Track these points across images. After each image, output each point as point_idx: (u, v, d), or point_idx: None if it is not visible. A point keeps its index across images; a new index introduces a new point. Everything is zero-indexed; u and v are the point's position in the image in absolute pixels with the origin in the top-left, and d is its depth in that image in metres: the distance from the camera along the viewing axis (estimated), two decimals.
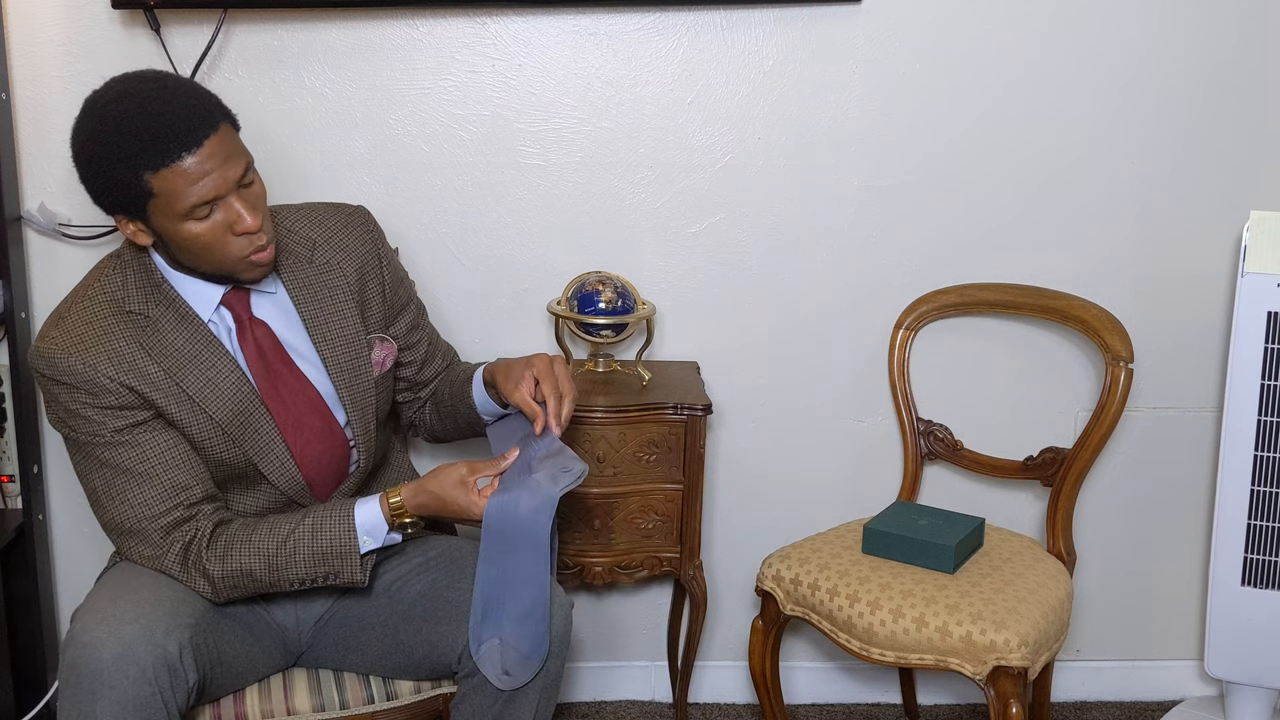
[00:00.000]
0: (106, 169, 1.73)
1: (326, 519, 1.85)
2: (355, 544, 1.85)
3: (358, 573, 1.86)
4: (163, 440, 1.84)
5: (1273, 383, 2.29)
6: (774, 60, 2.39)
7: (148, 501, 1.83)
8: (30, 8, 2.30)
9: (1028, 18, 2.38)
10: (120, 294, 1.85)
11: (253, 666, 1.92)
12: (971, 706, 2.65)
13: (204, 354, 1.85)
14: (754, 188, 2.44)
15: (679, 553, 2.31)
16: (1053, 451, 2.35)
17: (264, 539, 1.84)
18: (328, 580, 1.87)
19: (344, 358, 1.96)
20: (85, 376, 1.79)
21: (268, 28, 2.32)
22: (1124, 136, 2.43)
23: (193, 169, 1.71)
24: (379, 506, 1.87)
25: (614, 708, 2.64)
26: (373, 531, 1.86)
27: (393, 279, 2.05)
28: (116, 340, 1.82)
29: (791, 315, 2.50)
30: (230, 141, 1.76)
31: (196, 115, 1.73)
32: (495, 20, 2.36)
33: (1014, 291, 2.42)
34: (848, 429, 2.56)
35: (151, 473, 1.82)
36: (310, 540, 1.84)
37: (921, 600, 2.09)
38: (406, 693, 1.97)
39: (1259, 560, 2.35)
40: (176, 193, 1.72)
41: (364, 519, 1.86)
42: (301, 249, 1.96)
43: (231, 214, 1.77)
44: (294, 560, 1.84)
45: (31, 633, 2.40)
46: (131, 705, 1.67)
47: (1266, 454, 2.30)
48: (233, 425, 1.86)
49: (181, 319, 1.85)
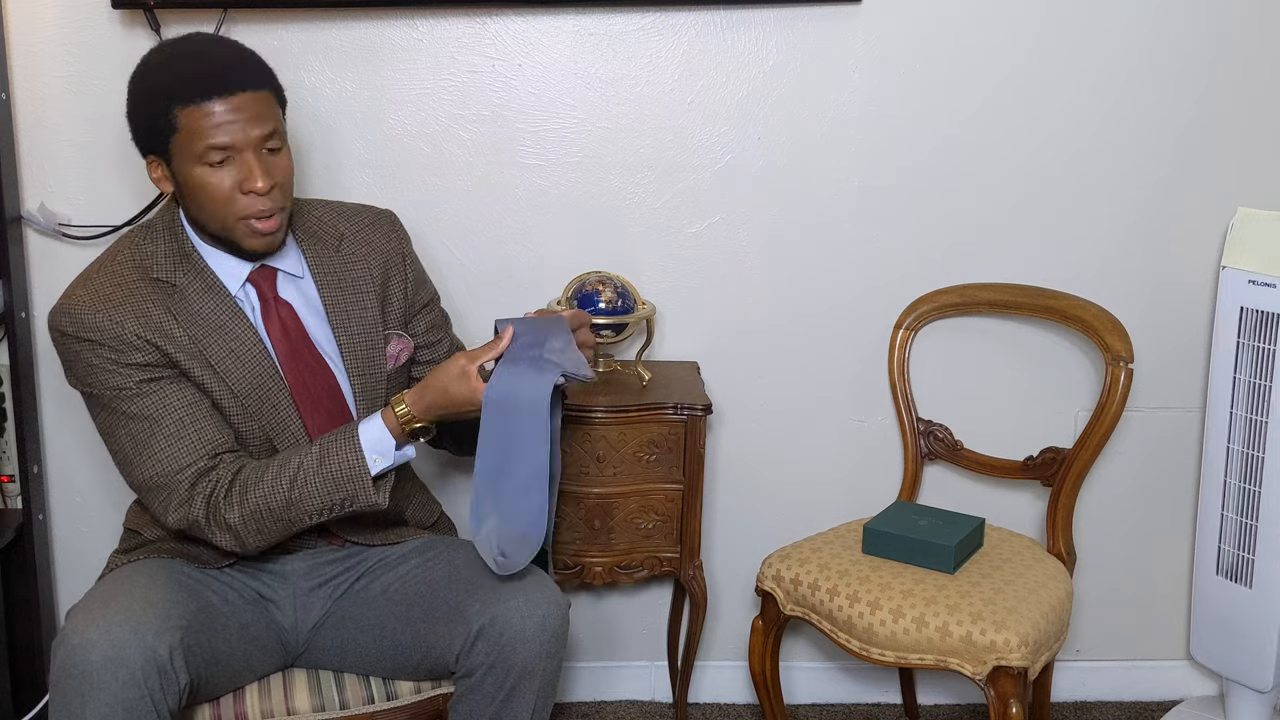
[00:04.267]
0: (146, 99, 1.82)
1: (332, 444, 1.84)
2: (365, 464, 1.83)
3: (372, 495, 1.84)
4: (187, 393, 1.85)
5: (1244, 378, 2.33)
6: (774, 60, 2.39)
7: (174, 454, 1.83)
8: (30, 8, 2.30)
9: (1027, 18, 2.38)
10: (148, 261, 1.88)
11: (250, 666, 1.92)
12: (971, 706, 2.65)
13: (230, 324, 1.87)
14: (754, 188, 2.44)
15: (679, 553, 2.31)
16: (1053, 451, 2.35)
17: (275, 475, 1.83)
18: (345, 507, 1.84)
19: (360, 347, 1.97)
20: (112, 333, 1.81)
21: (268, 27, 2.32)
22: (1123, 136, 2.43)
23: (218, 114, 1.77)
24: (382, 420, 1.85)
25: (614, 708, 2.64)
26: (381, 449, 1.84)
27: (415, 280, 2.07)
28: (143, 302, 1.85)
29: (791, 315, 2.50)
30: (266, 105, 1.81)
31: (240, 69, 1.80)
32: (495, 20, 2.36)
33: (1014, 291, 2.42)
34: (848, 429, 2.56)
35: (178, 421, 1.83)
36: (319, 467, 1.82)
37: (921, 600, 2.09)
38: (406, 693, 1.97)
39: (1230, 553, 2.40)
40: (197, 131, 1.77)
41: (369, 437, 1.84)
42: (329, 238, 2.00)
43: (244, 170, 1.80)
44: (307, 491, 1.82)
45: (31, 633, 2.40)
46: (121, 707, 1.67)
47: (1237, 448, 2.36)
48: (251, 398, 1.88)
49: (209, 288, 1.88)
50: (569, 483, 2.24)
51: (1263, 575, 2.33)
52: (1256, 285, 2.30)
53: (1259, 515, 2.32)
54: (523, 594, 1.84)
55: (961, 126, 2.42)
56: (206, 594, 1.89)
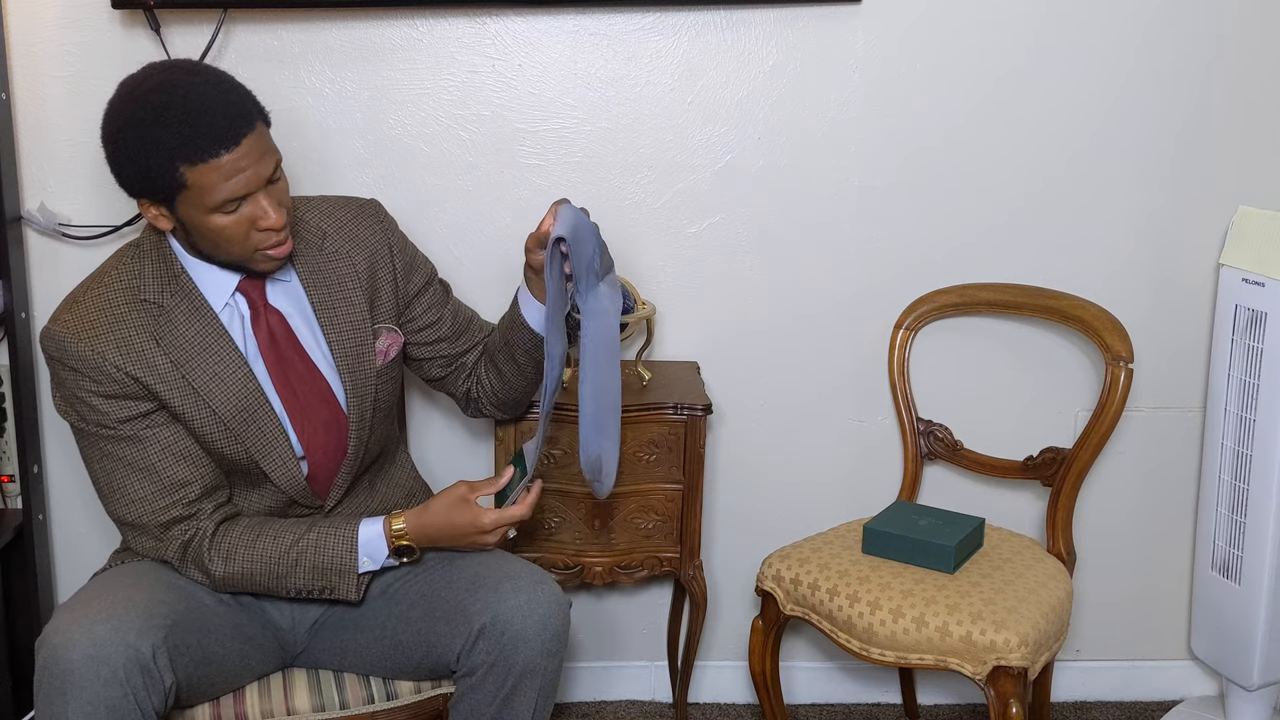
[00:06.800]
0: (142, 157, 1.74)
1: (330, 535, 1.89)
2: (355, 563, 1.89)
3: (353, 591, 1.90)
4: (164, 436, 1.86)
5: (1238, 375, 2.33)
6: (774, 60, 2.39)
7: (146, 497, 1.86)
8: (30, 8, 2.30)
9: (1026, 18, 2.38)
10: (137, 282, 1.87)
11: (246, 666, 1.92)
12: (971, 706, 2.65)
13: (213, 346, 1.87)
14: (754, 188, 2.44)
15: (679, 553, 2.31)
16: (1053, 451, 2.35)
17: (268, 546, 1.87)
18: (323, 594, 1.91)
19: (349, 345, 1.97)
20: (92, 363, 1.82)
21: (268, 28, 2.32)
22: (1123, 136, 2.43)
23: (228, 166, 1.74)
24: (382, 529, 1.90)
25: (614, 708, 2.64)
26: (373, 553, 1.91)
27: (405, 267, 2.05)
28: (127, 329, 1.84)
29: (791, 315, 2.50)
30: (264, 140, 1.79)
31: (236, 113, 1.75)
32: (495, 20, 2.36)
33: (1014, 291, 2.42)
34: (848, 429, 2.56)
35: (151, 468, 1.85)
36: (313, 554, 1.88)
37: (921, 600, 2.09)
38: (406, 693, 1.97)
39: (1223, 549, 2.41)
40: (210, 187, 1.74)
41: (366, 539, 1.90)
42: (313, 238, 1.99)
43: (258, 209, 1.79)
44: (295, 571, 1.88)
45: (31, 633, 2.40)
46: (103, 706, 1.67)
47: (1230, 445, 2.37)
48: (235, 420, 1.87)
49: (195, 311, 1.87)
50: (569, 483, 2.24)
51: (1250, 572, 2.33)
52: (1249, 284, 2.30)
53: (1247, 512, 2.33)
54: (524, 593, 1.85)
55: (961, 126, 2.42)
56: (198, 594, 1.89)
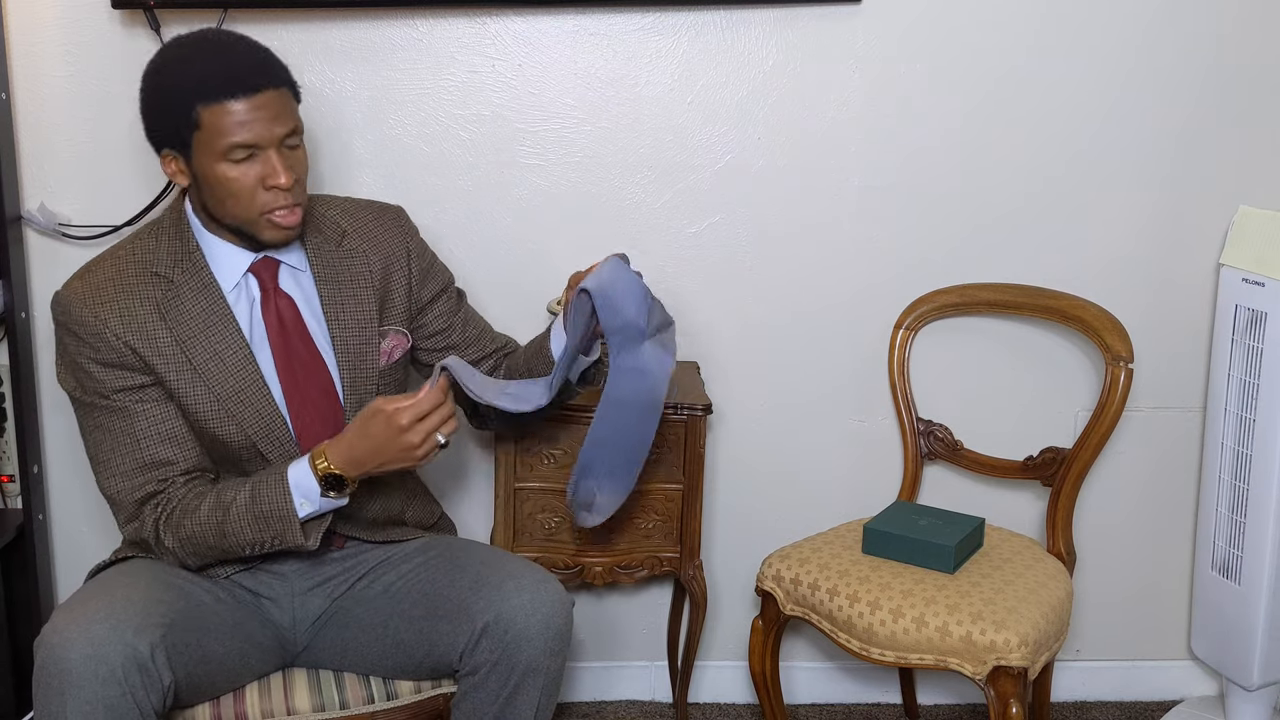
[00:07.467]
0: (165, 96, 1.82)
1: (262, 482, 1.85)
2: (292, 507, 1.84)
3: (299, 536, 1.85)
4: (154, 412, 1.87)
5: (1238, 375, 2.34)
6: (774, 60, 2.39)
7: (126, 472, 1.88)
8: (30, 8, 2.30)
9: (1026, 18, 2.38)
10: (150, 256, 1.91)
11: (246, 665, 1.92)
12: (971, 706, 2.65)
13: (218, 325, 1.89)
14: (754, 188, 2.44)
15: (679, 552, 2.31)
16: (1053, 451, 2.35)
17: (210, 507, 1.86)
18: (275, 545, 1.86)
19: (353, 342, 1.98)
20: (93, 329, 1.84)
21: (268, 27, 2.32)
22: (1123, 136, 2.43)
23: (241, 113, 1.79)
24: (308, 463, 1.85)
25: (614, 708, 2.64)
26: (307, 492, 1.85)
27: (421, 273, 2.07)
28: (133, 299, 1.87)
29: (791, 315, 2.50)
30: (285, 103, 1.84)
31: (261, 68, 1.83)
32: (495, 20, 2.36)
33: (1014, 291, 2.42)
34: (848, 429, 2.56)
35: (135, 443, 1.87)
36: (249, 504, 1.84)
37: (921, 600, 2.09)
38: (407, 692, 1.97)
39: (1223, 549, 2.41)
40: (220, 129, 1.79)
41: (296, 480, 1.85)
42: (332, 234, 2.01)
43: (268, 167, 1.82)
44: (239, 526, 1.84)
45: (31, 633, 2.39)
46: (101, 705, 1.67)
47: (1230, 444, 2.37)
48: (233, 400, 1.88)
49: (203, 288, 1.90)
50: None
51: (1250, 572, 2.33)
52: (1249, 284, 2.30)
53: (1247, 512, 2.33)
54: (528, 592, 1.84)
55: (961, 126, 2.42)
56: (197, 593, 1.89)
